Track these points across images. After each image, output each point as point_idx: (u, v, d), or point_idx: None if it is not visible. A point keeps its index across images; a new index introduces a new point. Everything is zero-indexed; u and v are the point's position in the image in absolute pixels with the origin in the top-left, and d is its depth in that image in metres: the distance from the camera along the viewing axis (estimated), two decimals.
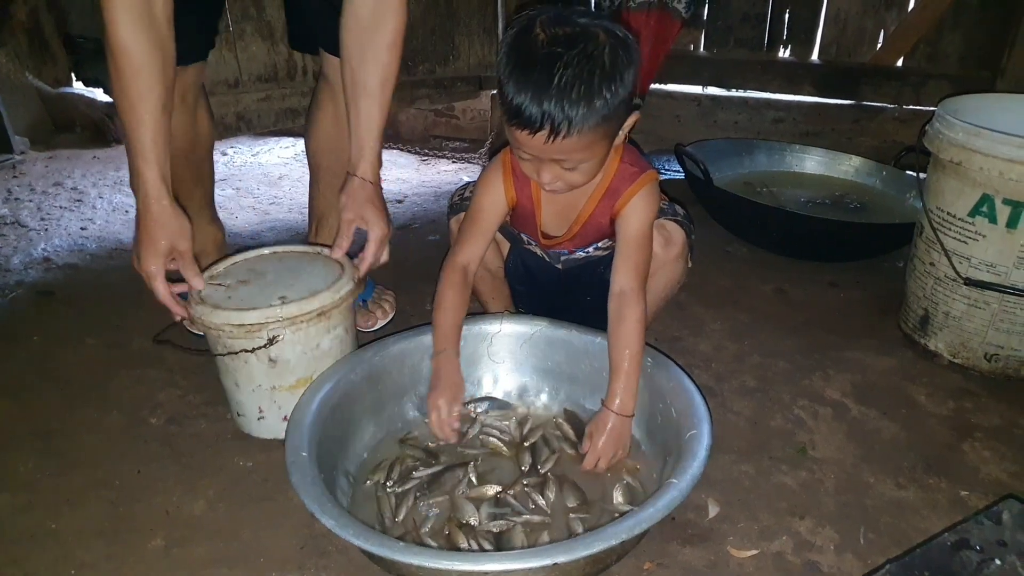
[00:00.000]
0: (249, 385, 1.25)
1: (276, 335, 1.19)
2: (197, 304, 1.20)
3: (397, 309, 1.69)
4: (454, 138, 2.94)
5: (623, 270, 1.22)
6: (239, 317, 1.17)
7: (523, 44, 1.03)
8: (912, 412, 1.40)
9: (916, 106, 2.52)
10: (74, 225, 2.17)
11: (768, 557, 1.08)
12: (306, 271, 1.30)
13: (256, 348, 1.19)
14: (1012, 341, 1.45)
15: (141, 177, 1.14)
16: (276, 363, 1.22)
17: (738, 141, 2.42)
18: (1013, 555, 0.88)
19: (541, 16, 1.04)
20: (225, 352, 1.22)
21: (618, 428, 1.17)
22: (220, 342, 1.22)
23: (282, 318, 1.18)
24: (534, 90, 1.01)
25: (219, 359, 1.24)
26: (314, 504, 0.94)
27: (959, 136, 1.40)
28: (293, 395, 1.21)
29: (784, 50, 2.68)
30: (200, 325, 1.20)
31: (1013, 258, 1.39)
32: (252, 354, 1.19)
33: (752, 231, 2.05)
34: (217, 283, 1.26)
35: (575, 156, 1.08)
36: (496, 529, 1.07)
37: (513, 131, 1.06)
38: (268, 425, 1.29)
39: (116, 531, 1.12)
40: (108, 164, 2.66)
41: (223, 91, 2.07)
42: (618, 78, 1.03)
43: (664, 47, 2.45)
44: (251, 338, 1.18)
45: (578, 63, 1.00)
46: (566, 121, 1.01)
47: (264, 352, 1.20)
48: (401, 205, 2.37)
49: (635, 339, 1.18)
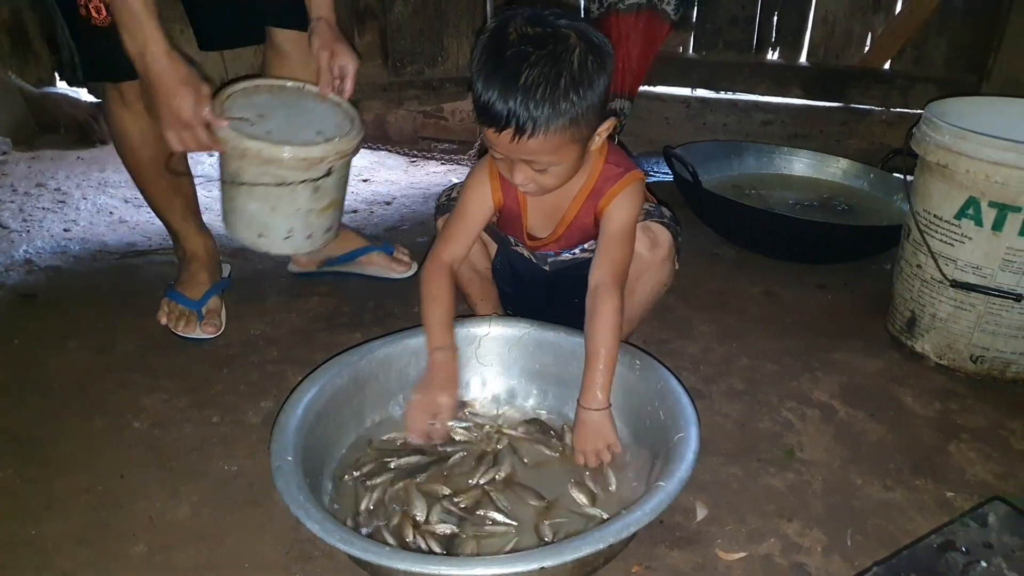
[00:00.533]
0: (289, 209, 1.40)
1: (331, 167, 1.37)
2: (250, 139, 1.30)
3: (386, 312, 1.68)
4: (443, 140, 2.93)
5: (600, 265, 1.22)
6: (305, 151, 1.32)
7: (495, 42, 1.04)
8: (899, 414, 1.41)
9: (903, 109, 2.54)
10: (57, 227, 2.15)
11: (756, 559, 1.08)
12: (311, 108, 1.44)
13: (316, 179, 1.36)
14: (997, 343, 1.46)
15: (146, 35, 1.24)
16: (319, 190, 1.39)
17: (727, 143, 2.42)
18: (999, 557, 0.88)
19: (518, 15, 1.04)
20: (276, 183, 1.34)
21: (593, 423, 1.16)
22: (269, 173, 1.33)
23: (339, 152, 1.36)
24: (500, 87, 1.02)
25: (251, 188, 1.35)
26: (299, 509, 0.94)
27: (945, 139, 1.40)
28: (322, 216, 1.45)
29: (772, 52, 2.68)
30: (251, 157, 1.31)
31: (998, 260, 1.40)
32: (303, 184, 1.35)
33: (740, 233, 2.06)
34: (239, 118, 1.34)
35: (543, 158, 1.09)
36: (446, 531, 1.07)
37: (483, 127, 1.08)
38: (293, 242, 1.46)
39: (98, 537, 1.11)
40: (92, 165, 2.64)
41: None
42: (586, 82, 1.03)
43: (653, 49, 2.45)
44: (313, 170, 1.35)
45: (545, 63, 1.01)
46: (531, 121, 1.02)
47: (317, 182, 1.37)
48: (390, 207, 2.36)
49: (608, 334, 1.17)
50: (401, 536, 1.05)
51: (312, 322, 1.67)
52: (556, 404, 1.34)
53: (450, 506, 1.10)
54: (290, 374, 1.47)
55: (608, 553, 0.99)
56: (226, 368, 1.51)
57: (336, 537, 0.89)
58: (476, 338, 1.35)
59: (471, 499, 1.12)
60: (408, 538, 1.04)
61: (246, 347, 1.58)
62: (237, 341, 1.60)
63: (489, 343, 1.36)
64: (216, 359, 1.53)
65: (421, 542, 1.04)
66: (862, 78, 2.56)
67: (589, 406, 1.17)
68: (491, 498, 1.12)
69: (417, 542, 1.04)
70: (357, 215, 2.29)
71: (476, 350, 1.36)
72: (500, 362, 1.36)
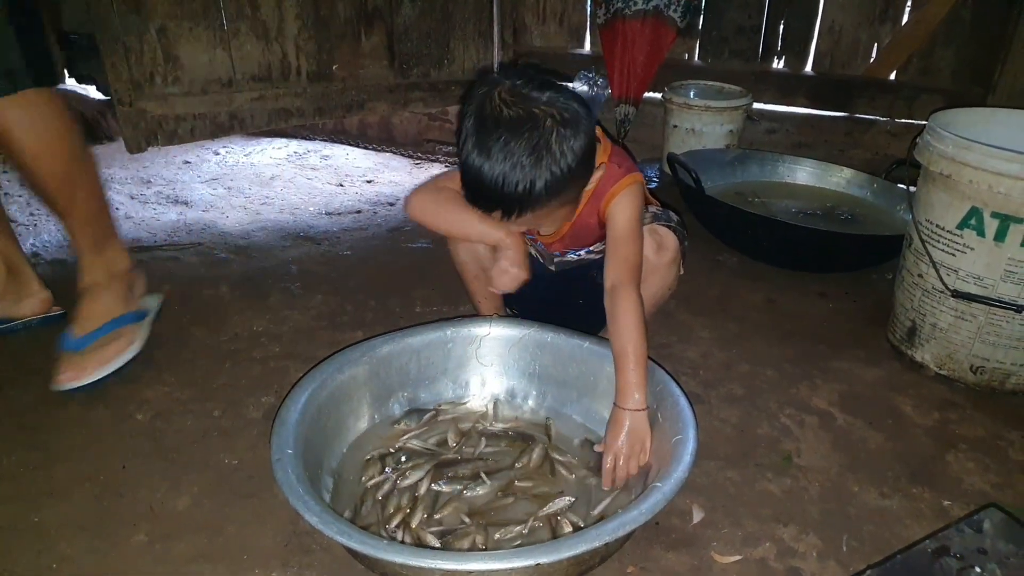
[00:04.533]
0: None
1: None
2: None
3: (388, 311, 1.69)
4: (447, 142, 2.94)
5: (612, 265, 1.23)
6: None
7: (478, 120, 1.09)
8: (898, 422, 1.41)
9: (908, 119, 2.54)
10: None
11: (751, 563, 1.08)
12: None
13: None
14: (997, 354, 1.46)
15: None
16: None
17: (730, 151, 2.43)
18: (993, 563, 0.89)
19: (497, 89, 1.09)
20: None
21: (631, 423, 1.14)
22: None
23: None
24: (484, 182, 1.09)
25: None
26: (298, 501, 0.94)
27: (949, 149, 1.41)
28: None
29: (778, 61, 2.69)
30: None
31: (1000, 271, 1.40)
32: None
33: (743, 241, 2.06)
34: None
35: (535, 223, 1.20)
36: (443, 527, 1.08)
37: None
38: None
39: (99, 525, 1.11)
40: (99, 161, 2.65)
41: (216, 89, 2.07)
42: (567, 156, 1.09)
43: (659, 56, 2.47)
44: None
45: (523, 149, 1.06)
46: (516, 205, 1.10)
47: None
48: (393, 208, 2.37)
49: (634, 331, 1.16)
50: (398, 529, 1.06)
51: (315, 320, 1.68)
52: (555, 405, 1.35)
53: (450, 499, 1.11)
54: (292, 370, 1.48)
55: (604, 552, 0.99)
56: (228, 362, 1.52)
57: (334, 529, 0.90)
58: (477, 338, 1.36)
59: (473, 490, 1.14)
60: (402, 531, 1.06)
61: (249, 343, 1.59)
62: (240, 337, 1.61)
63: (490, 343, 1.36)
64: (219, 354, 1.54)
65: (420, 536, 1.05)
66: (867, 88, 2.57)
67: (626, 406, 1.14)
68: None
69: (416, 536, 1.05)
70: (361, 216, 2.30)
71: (476, 350, 1.37)
72: (500, 362, 1.37)
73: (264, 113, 2.17)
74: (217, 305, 1.74)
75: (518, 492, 1.16)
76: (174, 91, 2.00)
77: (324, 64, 2.24)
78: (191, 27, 1.71)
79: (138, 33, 1.89)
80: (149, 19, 1.90)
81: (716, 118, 2.44)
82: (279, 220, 2.24)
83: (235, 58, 2.08)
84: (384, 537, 1.05)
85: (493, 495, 1.16)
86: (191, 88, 2.03)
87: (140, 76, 1.92)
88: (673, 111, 2.49)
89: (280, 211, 2.32)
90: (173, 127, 2.02)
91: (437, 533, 1.07)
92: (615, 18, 2.41)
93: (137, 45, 1.89)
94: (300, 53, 2.18)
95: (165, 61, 1.96)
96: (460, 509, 1.12)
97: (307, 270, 1.92)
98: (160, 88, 1.97)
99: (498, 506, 1.14)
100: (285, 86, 2.18)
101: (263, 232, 2.15)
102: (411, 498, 1.13)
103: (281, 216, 2.27)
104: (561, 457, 1.23)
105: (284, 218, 2.26)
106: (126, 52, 1.88)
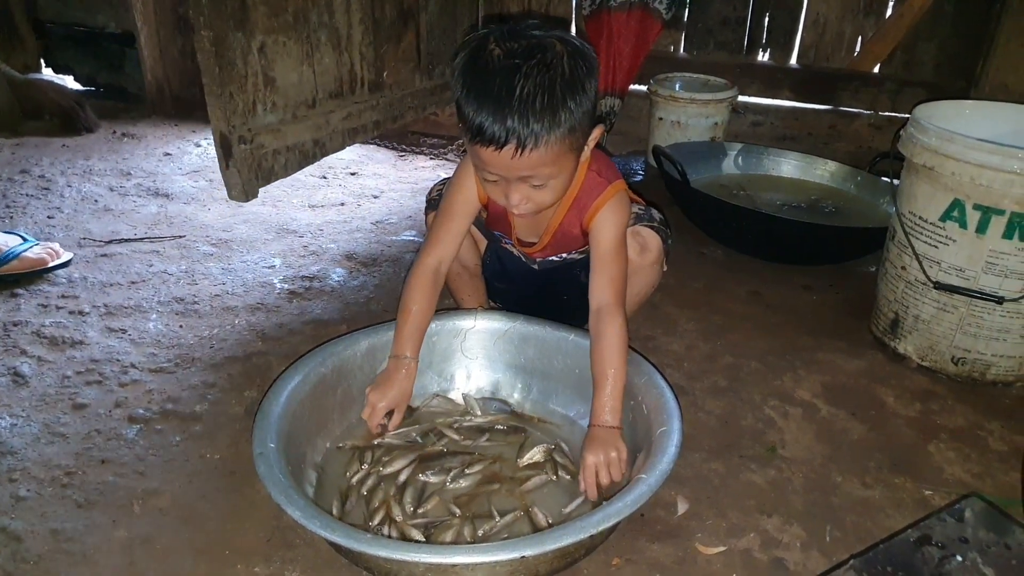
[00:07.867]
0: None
1: None
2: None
3: (370, 311, 1.68)
4: (432, 135, 2.93)
5: (599, 285, 1.20)
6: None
7: (478, 61, 1.01)
8: (880, 413, 1.42)
9: (892, 113, 2.56)
10: (40, 214, 2.13)
11: (736, 554, 1.09)
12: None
13: None
14: (978, 345, 1.47)
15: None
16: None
17: (715, 143, 2.44)
18: (974, 552, 0.89)
19: (493, 33, 1.03)
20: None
21: (602, 435, 1.13)
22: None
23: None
24: (495, 105, 0.99)
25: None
26: (280, 495, 0.93)
27: (932, 141, 1.41)
28: None
29: (763, 54, 2.70)
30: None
31: (982, 263, 1.41)
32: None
33: (728, 233, 2.07)
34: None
35: (543, 171, 1.06)
36: (427, 520, 1.07)
37: (478, 150, 1.04)
38: None
39: (78, 524, 1.10)
40: (77, 153, 2.62)
41: (304, 113, 1.79)
42: (580, 87, 1.02)
43: (644, 48, 2.46)
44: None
45: (538, 74, 0.99)
46: (532, 134, 1.00)
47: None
48: (377, 200, 2.35)
49: (616, 355, 1.16)
50: (383, 524, 1.06)
51: (299, 316, 1.67)
52: (540, 398, 1.35)
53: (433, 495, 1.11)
54: (275, 365, 1.46)
55: (589, 544, 0.99)
56: (211, 359, 1.50)
57: (317, 523, 0.89)
58: (462, 331, 1.35)
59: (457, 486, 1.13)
60: (386, 524, 1.05)
61: (232, 338, 1.57)
62: (223, 333, 1.59)
63: (474, 336, 1.36)
64: (201, 350, 1.53)
65: (404, 531, 1.05)
66: (852, 81, 2.58)
67: (600, 424, 1.14)
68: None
69: (400, 531, 1.05)
70: (345, 208, 2.28)
71: (462, 343, 1.36)
72: (485, 355, 1.36)
73: (339, 134, 1.94)
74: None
75: (503, 480, 1.16)
76: (271, 120, 1.69)
77: (378, 72, 2.06)
78: (284, 41, 1.53)
79: (243, 54, 1.58)
80: (251, 35, 1.59)
81: (701, 111, 2.44)
82: (261, 213, 2.22)
83: (317, 72, 1.83)
84: (369, 531, 1.04)
85: (476, 485, 1.15)
86: (284, 115, 1.73)
87: (246, 106, 1.61)
88: (659, 104, 2.49)
89: (262, 204, 2.29)
90: (271, 163, 1.72)
91: (421, 526, 1.06)
92: (600, 9, 2.40)
93: (242, 69, 1.58)
94: (363, 62, 1.99)
95: (265, 85, 1.66)
96: (445, 500, 1.11)
97: (290, 263, 1.90)
98: (261, 118, 1.66)
99: (482, 492, 1.14)
100: (352, 100, 1.97)
101: (245, 225, 2.13)
102: (396, 486, 1.13)
103: (263, 209, 2.24)
104: (560, 458, 1.22)
105: (266, 211, 2.23)
106: (236, 78, 1.57)
